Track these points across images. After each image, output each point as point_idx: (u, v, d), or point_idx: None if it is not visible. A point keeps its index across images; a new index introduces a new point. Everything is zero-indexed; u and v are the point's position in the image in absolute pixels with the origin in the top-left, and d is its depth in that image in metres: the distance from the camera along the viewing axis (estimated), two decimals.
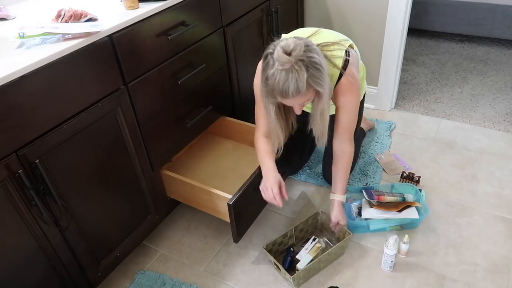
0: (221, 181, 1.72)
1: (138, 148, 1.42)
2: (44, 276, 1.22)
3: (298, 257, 1.51)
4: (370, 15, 2.15)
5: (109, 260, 1.44)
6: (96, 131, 1.24)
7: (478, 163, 1.97)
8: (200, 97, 1.68)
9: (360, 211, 1.68)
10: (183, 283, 1.53)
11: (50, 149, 1.12)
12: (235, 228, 1.47)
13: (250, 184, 1.48)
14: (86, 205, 1.29)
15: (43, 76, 1.05)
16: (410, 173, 1.89)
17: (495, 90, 2.53)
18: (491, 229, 1.64)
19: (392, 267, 1.50)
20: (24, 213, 1.10)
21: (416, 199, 1.72)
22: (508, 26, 2.89)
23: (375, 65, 2.29)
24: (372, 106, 2.43)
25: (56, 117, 1.11)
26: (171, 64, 1.45)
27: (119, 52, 1.23)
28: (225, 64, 1.78)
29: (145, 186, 1.51)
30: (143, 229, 1.57)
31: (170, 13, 1.38)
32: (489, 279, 1.46)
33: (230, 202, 1.40)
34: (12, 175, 1.04)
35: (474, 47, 3.06)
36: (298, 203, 1.82)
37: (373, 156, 2.05)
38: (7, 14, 1.34)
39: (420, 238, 1.62)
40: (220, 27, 1.67)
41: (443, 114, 2.35)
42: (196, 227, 1.77)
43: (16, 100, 1.00)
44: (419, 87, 2.62)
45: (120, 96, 1.29)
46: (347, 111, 1.45)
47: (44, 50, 1.07)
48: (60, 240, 1.23)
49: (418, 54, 3.01)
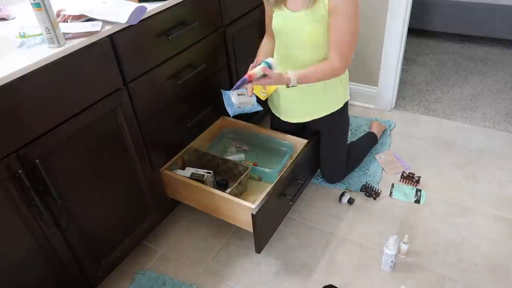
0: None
1: (138, 148, 1.42)
2: (44, 276, 1.22)
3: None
4: (370, 15, 2.15)
5: (109, 260, 1.44)
6: (96, 131, 1.24)
7: (478, 163, 1.97)
8: (200, 97, 1.68)
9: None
10: (183, 283, 1.53)
11: (50, 149, 1.12)
12: (258, 238, 1.44)
13: (273, 193, 1.45)
14: (86, 205, 1.29)
15: (43, 76, 1.05)
16: (410, 173, 1.90)
17: (495, 90, 2.53)
18: (491, 229, 1.64)
19: (392, 267, 1.50)
20: (24, 213, 1.10)
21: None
22: (508, 26, 2.89)
23: (375, 65, 2.29)
24: (372, 106, 2.43)
25: (56, 117, 1.11)
26: (171, 64, 1.45)
27: (119, 52, 1.23)
28: (225, 64, 1.78)
29: (145, 186, 1.51)
30: (143, 229, 1.57)
31: (170, 13, 1.38)
32: (489, 279, 1.46)
33: (254, 212, 1.37)
34: (12, 175, 1.04)
35: (474, 47, 3.06)
36: (298, 203, 1.82)
37: (373, 155, 2.05)
38: (7, 14, 1.34)
39: (420, 238, 1.63)
40: (220, 27, 1.67)
41: (443, 114, 2.35)
42: (196, 227, 1.77)
43: (16, 100, 1.00)
44: (419, 87, 2.62)
45: (120, 96, 1.29)
46: (342, 17, 1.37)
47: (44, 50, 1.07)
48: (60, 240, 1.23)
49: (418, 54, 3.01)
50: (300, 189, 1.62)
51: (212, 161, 1.71)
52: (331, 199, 1.84)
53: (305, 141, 1.71)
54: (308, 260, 1.58)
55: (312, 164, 1.78)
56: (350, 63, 1.51)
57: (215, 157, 1.69)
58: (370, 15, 2.15)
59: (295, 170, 1.58)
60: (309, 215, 1.77)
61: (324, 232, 1.69)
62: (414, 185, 1.87)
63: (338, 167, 1.85)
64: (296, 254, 1.61)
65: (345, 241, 1.64)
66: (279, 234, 1.69)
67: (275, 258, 1.60)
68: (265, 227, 1.47)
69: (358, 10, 1.41)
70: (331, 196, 1.85)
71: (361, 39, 2.23)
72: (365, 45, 2.24)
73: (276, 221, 1.59)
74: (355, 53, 2.37)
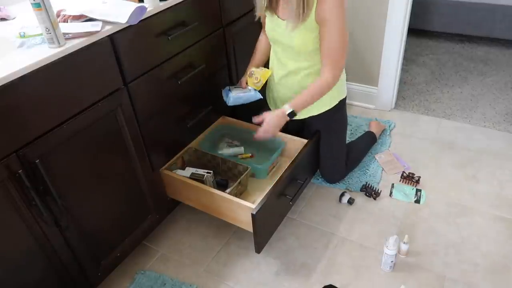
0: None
1: (138, 148, 1.42)
2: (44, 276, 1.22)
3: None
4: (370, 15, 2.15)
5: (109, 260, 1.44)
6: (96, 131, 1.24)
7: (478, 163, 1.97)
8: (200, 97, 1.68)
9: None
10: (183, 283, 1.53)
11: (50, 149, 1.12)
12: (258, 238, 1.44)
13: (273, 193, 1.45)
14: (86, 205, 1.29)
15: (43, 76, 1.05)
16: (410, 173, 1.90)
17: (495, 90, 2.53)
18: (491, 229, 1.64)
19: (392, 267, 1.50)
20: (24, 213, 1.10)
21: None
22: (508, 26, 2.89)
23: (375, 65, 2.29)
24: (372, 106, 2.43)
25: (56, 117, 1.11)
26: (171, 64, 1.45)
27: (119, 52, 1.23)
28: (225, 64, 1.78)
29: (145, 186, 1.51)
30: (143, 229, 1.57)
31: (170, 13, 1.38)
32: (489, 279, 1.46)
33: (254, 212, 1.36)
34: (12, 175, 1.04)
35: (474, 47, 3.06)
36: (298, 203, 1.82)
37: (373, 155, 2.05)
38: (7, 14, 1.34)
39: (420, 238, 1.63)
40: (220, 27, 1.67)
41: (443, 114, 2.35)
42: (196, 227, 1.77)
43: (16, 100, 1.00)
44: (419, 87, 2.62)
45: (120, 96, 1.29)
46: (330, 27, 1.41)
47: (45, 50, 1.07)
48: (60, 240, 1.23)
49: (418, 54, 3.01)
50: (300, 189, 1.62)
51: (212, 161, 1.71)
52: (331, 199, 1.84)
53: (305, 141, 1.71)
54: (308, 260, 1.58)
55: (312, 164, 1.78)
56: (343, 66, 1.55)
57: (215, 157, 1.69)
58: (370, 15, 2.15)
59: (295, 170, 1.58)
60: (309, 215, 1.77)
61: (324, 232, 1.69)
62: (414, 185, 1.87)
63: (338, 166, 1.85)
64: (296, 254, 1.61)
65: (345, 241, 1.64)
66: (279, 234, 1.69)
67: (275, 258, 1.60)
68: (265, 227, 1.47)
69: (344, 13, 1.43)
70: (331, 196, 1.85)
71: (361, 39, 2.24)
72: (365, 45, 2.25)
73: (276, 221, 1.59)
74: (355, 53, 2.38)
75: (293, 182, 1.60)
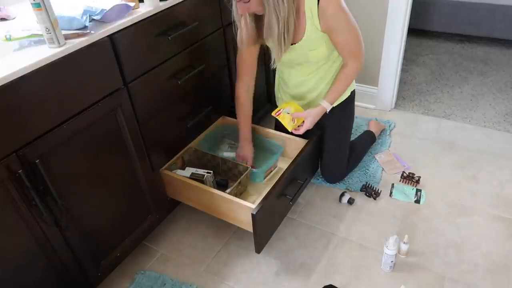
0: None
1: (138, 148, 1.42)
2: (44, 276, 1.22)
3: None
4: (370, 15, 2.15)
5: (109, 260, 1.44)
6: (96, 131, 1.24)
7: (478, 163, 1.97)
8: (200, 97, 1.68)
9: None
10: (183, 283, 1.53)
11: (50, 149, 1.12)
12: (258, 238, 1.44)
13: (273, 193, 1.45)
14: (86, 205, 1.29)
15: (43, 76, 1.05)
16: (410, 173, 1.90)
17: (495, 90, 2.53)
18: (491, 229, 1.64)
19: (392, 267, 1.50)
20: (24, 213, 1.10)
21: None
22: (508, 26, 2.89)
23: (375, 65, 2.29)
24: (372, 106, 2.43)
25: (56, 117, 1.11)
26: (171, 64, 1.45)
27: (119, 52, 1.23)
28: (225, 64, 1.78)
29: (145, 186, 1.51)
30: (143, 229, 1.57)
31: (170, 13, 1.38)
32: (489, 279, 1.46)
33: (254, 212, 1.36)
34: (12, 175, 1.04)
35: (474, 47, 3.06)
36: (298, 203, 1.82)
37: (373, 155, 2.05)
38: (7, 14, 1.34)
39: (420, 238, 1.63)
40: (220, 27, 1.67)
41: (443, 114, 2.35)
42: (196, 227, 1.77)
43: (16, 100, 1.00)
44: (419, 87, 2.62)
45: (120, 96, 1.29)
46: (339, 32, 1.46)
47: (44, 50, 1.07)
48: (60, 240, 1.23)
49: (418, 54, 3.01)
50: (300, 189, 1.62)
51: (212, 161, 1.71)
52: (331, 199, 1.84)
53: (305, 140, 1.71)
54: (308, 260, 1.58)
55: (312, 164, 1.78)
56: (364, 53, 1.58)
57: (215, 157, 1.69)
58: (370, 15, 2.15)
59: (295, 170, 1.58)
60: (309, 215, 1.77)
61: (324, 232, 1.69)
62: (414, 185, 1.87)
63: (340, 165, 1.84)
64: (296, 254, 1.61)
65: (345, 241, 1.64)
66: (279, 234, 1.69)
67: (275, 258, 1.60)
68: (265, 227, 1.47)
69: (346, 11, 1.44)
70: (331, 196, 1.85)
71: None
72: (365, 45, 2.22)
73: (276, 221, 1.59)
74: None
75: (293, 182, 1.60)
